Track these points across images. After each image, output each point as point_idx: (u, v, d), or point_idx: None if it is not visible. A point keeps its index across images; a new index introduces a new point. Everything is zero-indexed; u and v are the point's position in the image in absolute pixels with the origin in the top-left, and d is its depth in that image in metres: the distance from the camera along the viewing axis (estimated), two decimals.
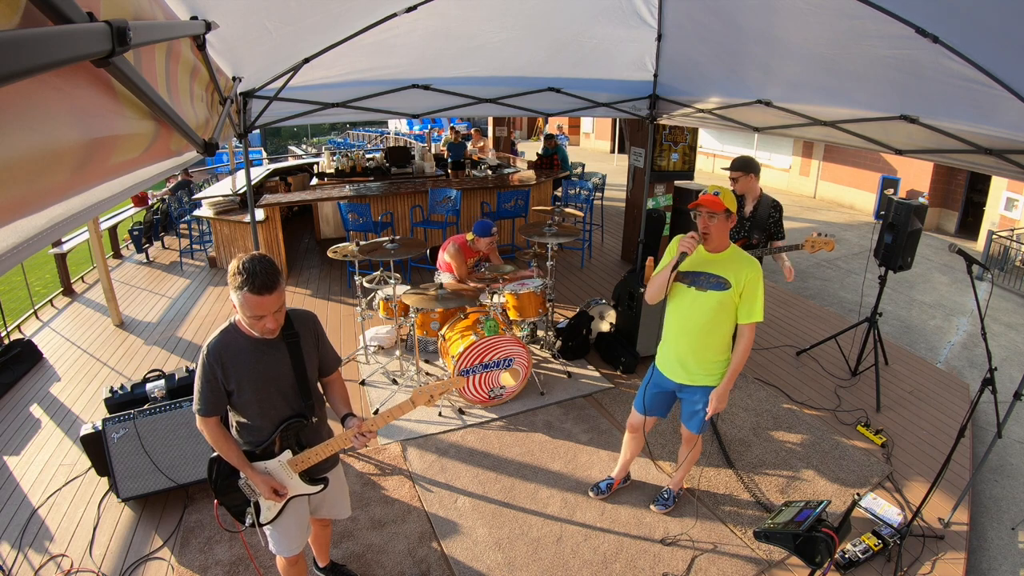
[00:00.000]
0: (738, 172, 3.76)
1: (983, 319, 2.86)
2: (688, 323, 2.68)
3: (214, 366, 1.90)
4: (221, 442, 1.98)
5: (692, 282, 2.65)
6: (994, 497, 3.51)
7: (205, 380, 1.91)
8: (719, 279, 2.57)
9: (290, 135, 28.76)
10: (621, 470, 3.26)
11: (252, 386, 1.95)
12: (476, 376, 3.98)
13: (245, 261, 1.77)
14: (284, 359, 2.00)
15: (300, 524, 2.22)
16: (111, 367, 4.86)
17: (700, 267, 2.63)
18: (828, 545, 2.34)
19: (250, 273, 1.75)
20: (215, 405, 1.94)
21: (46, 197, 0.81)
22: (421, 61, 3.57)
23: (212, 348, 1.90)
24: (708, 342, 2.66)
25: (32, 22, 0.66)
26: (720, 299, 2.57)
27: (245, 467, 2.02)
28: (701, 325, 2.63)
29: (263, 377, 1.96)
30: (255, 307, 1.79)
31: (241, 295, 1.76)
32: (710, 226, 2.54)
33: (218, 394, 1.93)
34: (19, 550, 2.92)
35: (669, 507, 3.17)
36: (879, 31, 2.29)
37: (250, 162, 4.22)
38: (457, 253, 4.53)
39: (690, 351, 2.70)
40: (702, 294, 2.61)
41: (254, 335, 1.91)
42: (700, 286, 2.62)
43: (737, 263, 2.57)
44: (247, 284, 1.75)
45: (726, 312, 2.59)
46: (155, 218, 8.37)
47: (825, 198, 12.69)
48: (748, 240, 3.82)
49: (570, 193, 7.85)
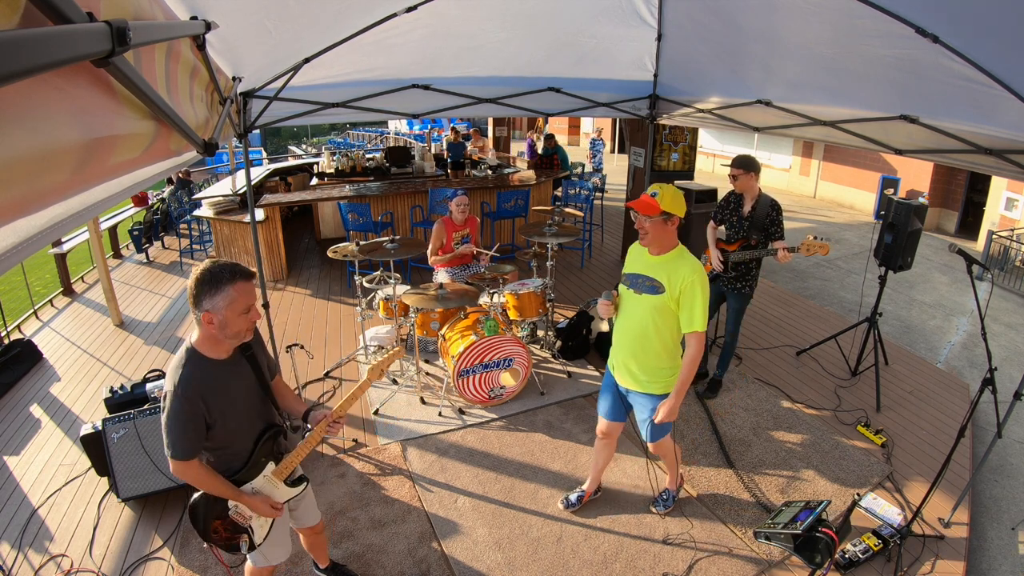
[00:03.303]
0: (739, 170, 3.76)
1: (983, 319, 2.86)
2: (627, 326, 2.61)
3: (197, 402, 1.74)
4: (209, 479, 1.86)
5: (631, 284, 2.58)
6: (994, 497, 3.51)
7: (189, 419, 1.73)
8: (653, 282, 2.48)
9: (290, 135, 28.77)
10: (592, 482, 3.18)
11: (232, 411, 1.86)
12: (476, 376, 3.98)
13: (210, 264, 1.72)
14: (248, 373, 1.95)
15: (287, 528, 2.22)
16: (111, 367, 4.86)
17: (640, 269, 2.56)
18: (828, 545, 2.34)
19: (225, 266, 1.72)
20: (198, 444, 1.80)
21: (46, 197, 0.81)
22: (421, 61, 3.57)
23: (189, 382, 1.73)
24: (647, 347, 2.56)
25: (32, 22, 0.66)
26: (654, 303, 2.47)
27: (237, 496, 1.92)
28: (638, 329, 2.56)
29: (239, 399, 1.90)
30: (249, 294, 1.75)
31: (233, 288, 1.70)
32: (645, 227, 2.43)
33: (200, 432, 1.78)
34: (19, 550, 2.93)
35: (670, 507, 3.15)
36: (879, 31, 2.29)
37: (250, 162, 4.22)
38: (437, 228, 4.64)
39: (631, 355, 2.62)
40: (637, 297, 2.54)
41: (218, 358, 1.81)
42: (637, 289, 2.55)
43: (675, 266, 2.45)
44: (235, 274, 1.71)
45: (663, 317, 2.49)
46: (155, 218, 8.37)
47: (825, 198, 12.69)
48: (747, 240, 3.82)
49: (570, 193, 7.85)
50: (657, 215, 2.38)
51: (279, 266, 6.82)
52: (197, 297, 1.70)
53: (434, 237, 4.64)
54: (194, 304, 1.72)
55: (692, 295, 2.40)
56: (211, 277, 1.69)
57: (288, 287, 6.57)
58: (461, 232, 4.71)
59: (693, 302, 2.41)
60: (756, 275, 3.94)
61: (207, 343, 1.79)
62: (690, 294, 2.40)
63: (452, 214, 4.67)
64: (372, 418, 4.01)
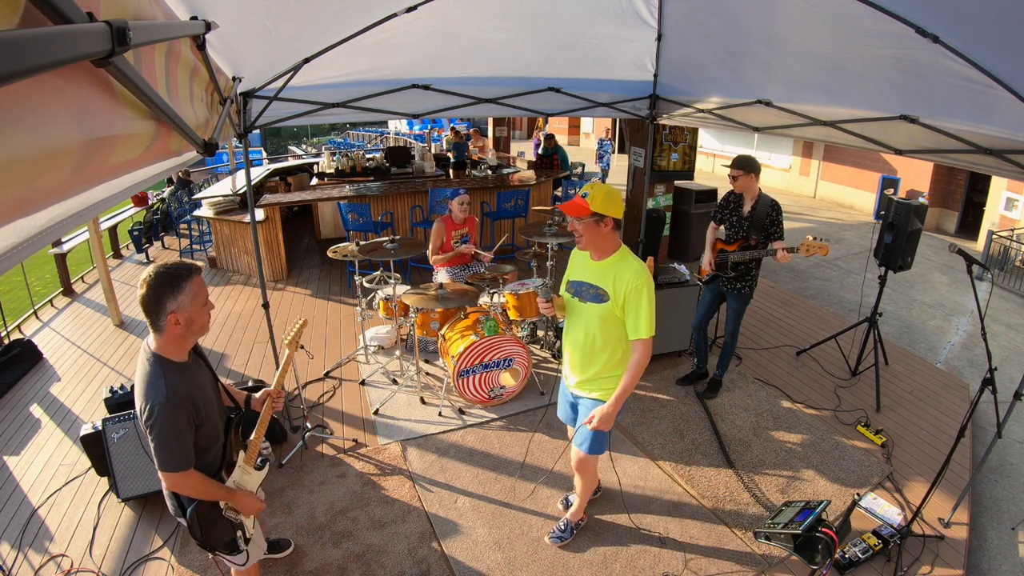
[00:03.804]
0: (739, 171, 3.77)
1: (983, 319, 2.86)
2: (574, 336, 2.50)
3: (187, 407, 1.75)
4: (205, 485, 1.86)
5: (575, 293, 2.46)
6: (994, 497, 3.51)
7: (183, 428, 1.74)
8: (598, 290, 2.36)
9: (290, 135, 28.77)
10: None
11: (209, 410, 1.88)
12: (476, 376, 3.98)
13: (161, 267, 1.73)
14: (205, 369, 1.97)
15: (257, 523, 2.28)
16: (111, 367, 4.86)
17: (584, 276, 2.43)
18: (828, 545, 2.34)
19: (177, 264, 1.76)
20: (192, 451, 1.80)
21: (46, 197, 0.81)
22: (421, 61, 3.57)
23: (175, 390, 1.73)
24: (595, 356, 2.45)
25: (32, 22, 0.66)
26: (599, 312, 2.36)
27: (228, 495, 1.95)
28: (584, 338, 2.44)
29: (211, 396, 1.93)
30: (204, 287, 1.80)
31: (192, 283, 1.74)
32: (578, 229, 2.31)
33: (191, 438, 1.79)
34: (19, 550, 2.92)
35: (566, 539, 2.91)
36: (879, 31, 2.29)
37: (250, 162, 4.22)
38: (436, 227, 4.63)
39: (579, 363, 2.52)
40: (583, 306, 2.42)
41: (183, 360, 1.83)
42: (581, 297, 2.43)
43: (618, 271, 2.33)
44: (190, 269, 1.76)
45: (610, 326, 2.37)
46: (155, 218, 8.37)
47: (825, 198, 12.69)
48: (746, 240, 3.82)
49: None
50: (587, 216, 2.27)
51: (279, 266, 6.82)
52: (159, 301, 1.70)
53: (434, 236, 4.64)
54: (155, 309, 1.71)
55: (637, 300, 2.28)
56: (169, 278, 1.71)
57: (288, 287, 6.57)
58: (460, 231, 4.71)
59: (639, 308, 2.29)
60: (756, 275, 3.94)
61: (171, 347, 1.78)
62: (635, 300, 2.28)
63: (452, 212, 4.67)
64: (372, 418, 4.01)
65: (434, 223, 4.71)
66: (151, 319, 1.73)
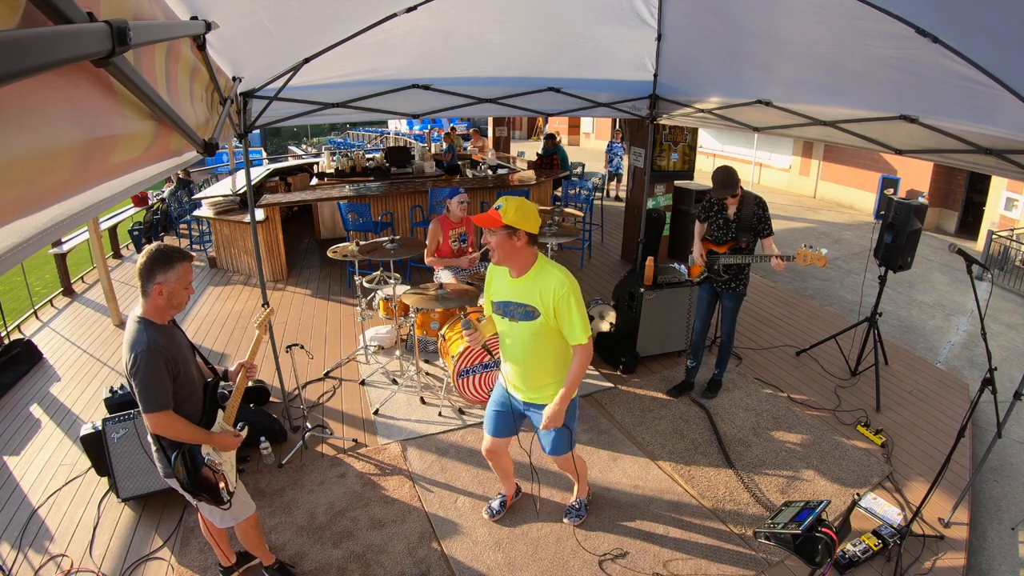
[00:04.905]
0: (739, 188, 3.70)
1: (983, 319, 2.86)
2: (512, 353, 2.49)
3: (162, 355, 2.00)
4: (184, 427, 2.09)
5: (504, 313, 2.43)
6: (994, 497, 3.51)
7: (161, 371, 2.00)
8: (526, 308, 2.34)
9: (290, 135, 28.74)
10: (509, 486, 3.13)
11: (184, 364, 2.13)
12: (476, 376, 3.98)
13: (160, 246, 2.04)
14: (182, 336, 2.25)
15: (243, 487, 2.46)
16: (111, 367, 4.86)
17: (509, 296, 2.40)
18: (828, 545, 2.34)
19: (174, 247, 2.07)
20: (170, 394, 2.04)
21: (46, 197, 0.81)
22: (421, 61, 3.57)
23: (154, 341, 2.00)
24: (536, 369, 2.47)
25: (32, 22, 0.66)
26: (533, 329, 2.35)
27: (208, 438, 2.18)
28: (525, 356, 2.45)
29: (187, 353, 2.20)
30: (190, 273, 2.10)
31: (182, 266, 2.05)
32: (492, 242, 2.27)
33: (169, 383, 2.04)
34: (19, 550, 2.93)
35: (583, 516, 3.06)
36: (879, 31, 2.29)
37: (250, 162, 4.22)
38: (432, 227, 4.57)
39: (521, 377, 2.53)
40: (515, 325, 2.40)
41: (162, 323, 2.10)
42: (511, 317, 2.40)
43: (542, 285, 2.30)
44: (183, 255, 2.06)
45: (546, 339, 2.38)
46: (155, 218, 8.37)
47: (825, 198, 12.69)
48: (736, 244, 3.80)
49: (570, 193, 7.85)
50: (499, 228, 2.23)
51: (279, 266, 6.82)
52: (151, 271, 2.00)
53: (430, 237, 4.59)
54: (147, 278, 2.01)
55: (567, 307, 2.27)
56: (164, 256, 2.02)
57: (288, 287, 6.57)
58: (458, 230, 4.69)
59: (570, 315, 2.28)
60: (748, 272, 3.93)
61: (154, 312, 2.07)
62: (565, 307, 2.27)
63: (450, 211, 4.63)
64: (372, 418, 4.01)
65: (430, 223, 4.69)
66: (141, 284, 2.03)
